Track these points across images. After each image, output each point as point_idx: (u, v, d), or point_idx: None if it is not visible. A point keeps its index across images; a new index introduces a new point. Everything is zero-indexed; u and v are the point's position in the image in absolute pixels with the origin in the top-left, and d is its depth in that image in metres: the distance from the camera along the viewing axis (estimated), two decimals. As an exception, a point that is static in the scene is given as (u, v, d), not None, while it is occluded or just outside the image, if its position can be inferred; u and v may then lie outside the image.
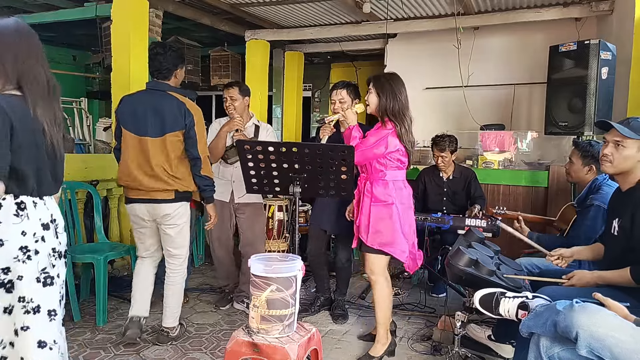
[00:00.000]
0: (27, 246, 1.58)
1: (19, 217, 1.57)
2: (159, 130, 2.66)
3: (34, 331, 1.60)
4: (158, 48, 2.77)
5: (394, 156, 2.61)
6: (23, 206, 1.59)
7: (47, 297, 1.63)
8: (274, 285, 1.91)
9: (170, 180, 2.69)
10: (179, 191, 2.74)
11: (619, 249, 2.15)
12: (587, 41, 3.56)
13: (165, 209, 2.73)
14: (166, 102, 2.69)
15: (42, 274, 1.62)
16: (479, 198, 3.94)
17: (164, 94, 2.72)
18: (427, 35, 5.67)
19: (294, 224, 2.72)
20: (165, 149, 2.67)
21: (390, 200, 2.61)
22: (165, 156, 2.67)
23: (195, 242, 4.65)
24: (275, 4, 5.01)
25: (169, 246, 2.84)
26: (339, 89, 3.16)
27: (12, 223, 1.56)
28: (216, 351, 2.82)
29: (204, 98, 9.46)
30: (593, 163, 2.85)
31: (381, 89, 2.63)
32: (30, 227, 1.59)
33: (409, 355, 2.83)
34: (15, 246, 1.56)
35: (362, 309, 3.57)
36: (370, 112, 2.70)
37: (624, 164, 2.12)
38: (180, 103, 2.69)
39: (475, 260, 2.35)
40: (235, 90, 3.32)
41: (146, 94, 2.76)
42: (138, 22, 4.36)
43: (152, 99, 2.70)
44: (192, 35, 6.72)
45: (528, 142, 4.82)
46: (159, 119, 2.66)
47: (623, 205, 2.16)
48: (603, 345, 1.58)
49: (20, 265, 1.57)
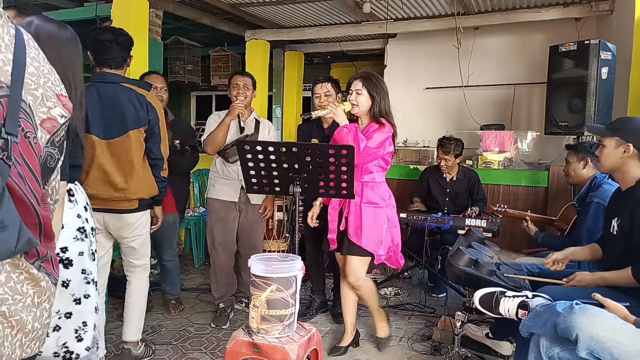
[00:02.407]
0: (83, 227, 1.82)
1: (71, 203, 1.80)
2: (120, 128, 2.35)
3: (92, 298, 1.84)
4: (107, 34, 2.40)
5: (386, 158, 2.64)
6: (72, 192, 1.81)
7: (95, 270, 1.88)
8: (274, 285, 1.91)
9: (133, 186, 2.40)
10: (144, 199, 2.48)
11: (618, 249, 2.15)
12: (587, 41, 3.56)
13: (127, 219, 2.46)
14: (123, 95, 2.36)
15: (90, 249, 1.85)
16: (480, 201, 3.94)
17: (117, 86, 2.38)
18: (427, 35, 5.67)
19: (294, 224, 2.71)
20: (130, 149, 2.37)
21: (381, 203, 2.63)
22: (131, 158, 2.38)
23: (195, 242, 4.66)
24: (275, 4, 5.01)
25: (132, 258, 2.59)
26: (323, 82, 3.18)
27: (69, 208, 1.77)
28: (216, 351, 2.82)
29: (204, 98, 9.46)
30: (587, 156, 2.91)
31: (374, 89, 2.61)
32: (80, 210, 1.83)
33: (409, 355, 2.83)
34: (73, 228, 1.78)
35: (362, 309, 3.56)
36: (357, 113, 2.65)
37: (608, 161, 2.18)
38: (139, 95, 2.40)
39: (475, 260, 2.35)
40: (249, 80, 3.23)
41: (94, 88, 2.35)
42: (138, 22, 4.35)
43: (106, 94, 2.35)
44: (192, 35, 6.72)
45: (528, 142, 4.83)
46: (118, 115, 2.34)
47: (622, 205, 2.17)
48: (603, 347, 1.58)
49: (79, 243, 1.80)
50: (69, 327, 1.77)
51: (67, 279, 1.77)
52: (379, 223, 2.62)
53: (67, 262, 1.78)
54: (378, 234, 2.61)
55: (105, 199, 2.38)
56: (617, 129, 2.15)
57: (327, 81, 3.19)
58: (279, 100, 7.50)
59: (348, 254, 2.67)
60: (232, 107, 3.13)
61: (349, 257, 2.67)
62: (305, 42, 6.89)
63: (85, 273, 1.82)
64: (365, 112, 2.66)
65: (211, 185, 3.29)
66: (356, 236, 2.61)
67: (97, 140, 2.35)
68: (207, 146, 3.15)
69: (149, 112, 2.41)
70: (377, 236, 2.61)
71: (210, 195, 3.28)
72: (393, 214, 2.73)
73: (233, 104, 3.13)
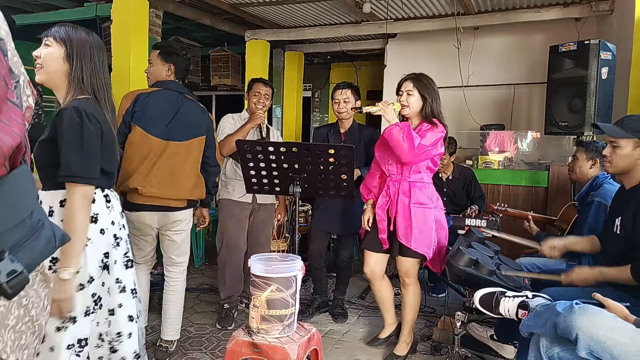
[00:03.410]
0: (116, 234, 1.79)
1: (108, 209, 1.77)
2: (185, 134, 2.55)
3: (125, 307, 1.80)
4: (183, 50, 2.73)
5: (436, 159, 2.61)
6: (108, 199, 1.78)
7: (130, 278, 1.84)
8: (274, 285, 1.91)
9: (191, 188, 2.59)
10: (192, 199, 2.66)
11: (620, 248, 2.15)
12: (587, 41, 3.55)
13: (177, 216, 2.61)
14: (192, 105, 2.62)
15: (124, 257, 1.82)
16: (479, 198, 3.94)
17: (184, 96, 2.62)
18: (427, 35, 5.67)
19: (294, 224, 2.71)
20: (192, 154, 2.59)
21: (430, 204, 2.60)
22: (192, 162, 2.59)
23: (195, 242, 4.66)
24: (275, 4, 5.01)
25: (173, 254, 2.72)
26: (343, 88, 3.20)
27: (107, 214, 1.76)
28: (216, 351, 2.82)
29: (204, 98, 9.45)
30: (597, 157, 2.89)
31: (426, 90, 2.59)
32: (116, 217, 1.80)
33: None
34: (111, 234, 1.76)
35: (362, 309, 3.57)
36: (407, 114, 2.63)
37: (622, 163, 2.14)
38: (202, 107, 2.66)
39: (475, 260, 2.34)
40: (270, 91, 3.28)
41: (167, 94, 2.58)
42: (138, 22, 4.35)
43: (177, 101, 2.58)
44: (192, 35, 6.72)
45: (528, 142, 4.83)
46: (186, 122, 2.56)
47: (626, 204, 2.16)
48: (603, 347, 1.58)
49: (114, 250, 1.77)
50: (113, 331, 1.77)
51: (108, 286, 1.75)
52: (428, 224, 2.58)
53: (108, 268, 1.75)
54: (428, 235, 2.58)
55: (160, 198, 2.51)
56: (636, 130, 2.09)
57: (347, 88, 3.21)
58: (279, 101, 7.49)
59: (399, 255, 2.68)
60: (255, 116, 3.15)
61: (400, 257, 2.67)
62: (305, 42, 6.89)
63: (118, 282, 1.78)
64: (416, 113, 2.63)
65: (223, 187, 3.29)
66: (405, 238, 2.58)
67: (160, 142, 2.50)
68: (223, 148, 3.10)
69: (209, 121, 2.67)
70: (427, 237, 2.58)
71: (223, 196, 3.28)
72: (441, 216, 2.70)
73: (256, 113, 3.16)
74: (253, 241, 3.36)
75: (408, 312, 2.76)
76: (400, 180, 2.62)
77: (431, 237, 2.59)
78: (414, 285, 2.73)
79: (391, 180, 2.65)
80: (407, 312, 2.77)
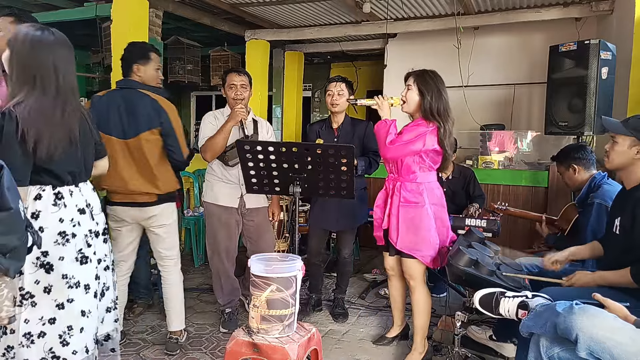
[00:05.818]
0: (65, 231, 1.80)
1: (56, 206, 1.80)
2: (137, 128, 2.55)
3: (77, 302, 1.82)
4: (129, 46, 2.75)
5: (429, 155, 2.53)
6: (60, 196, 1.81)
7: (84, 273, 1.85)
8: (274, 285, 1.91)
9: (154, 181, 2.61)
10: (162, 194, 2.66)
11: (620, 248, 2.16)
12: (587, 41, 3.55)
13: (151, 211, 2.65)
14: (142, 98, 2.58)
15: (78, 254, 1.84)
16: (479, 197, 3.94)
17: (136, 91, 2.61)
18: (427, 35, 5.67)
19: (294, 224, 2.71)
20: (148, 147, 2.57)
21: (422, 202, 2.54)
22: (151, 156, 2.58)
23: (195, 242, 4.65)
24: (275, 4, 5.01)
25: (160, 247, 2.75)
26: (337, 81, 3.21)
27: (51, 212, 1.78)
28: (216, 351, 2.82)
29: (204, 98, 9.46)
30: (571, 162, 2.94)
31: (425, 86, 2.53)
32: (67, 214, 1.81)
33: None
34: (54, 232, 1.78)
35: (362, 309, 3.56)
36: (407, 111, 2.61)
37: (617, 159, 2.16)
38: (153, 98, 2.60)
39: (475, 260, 2.34)
40: (246, 79, 3.07)
41: (120, 93, 2.62)
42: (138, 22, 4.35)
43: (127, 98, 2.58)
44: (192, 35, 6.72)
45: (528, 142, 4.83)
46: (137, 117, 2.56)
47: (625, 204, 2.17)
48: (603, 347, 1.58)
49: (60, 247, 1.78)
50: (54, 332, 1.77)
51: (49, 284, 1.76)
52: (423, 224, 2.53)
53: (48, 266, 1.76)
54: (420, 235, 2.53)
55: (124, 194, 2.60)
56: (635, 129, 2.10)
57: (341, 81, 3.22)
58: (279, 100, 7.50)
59: (396, 254, 2.68)
60: (234, 113, 2.88)
61: (403, 259, 2.65)
62: (305, 42, 6.89)
63: (67, 278, 1.79)
64: (415, 109, 2.58)
65: (209, 188, 3.11)
66: (393, 238, 2.58)
67: (115, 140, 2.55)
68: (205, 153, 2.91)
69: (161, 115, 2.59)
70: (420, 238, 2.53)
71: (207, 200, 3.10)
72: (442, 213, 2.63)
73: (235, 109, 2.89)
74: (254, 248, 3.14)
75: (417, 317, 2.67)
76: (396, 178, 2.62)
77: (426, 237, 2.54)
78: (420, 287, 2.65)
79: (389, 179, 2.68)
80: (416, 317, 2.68)
